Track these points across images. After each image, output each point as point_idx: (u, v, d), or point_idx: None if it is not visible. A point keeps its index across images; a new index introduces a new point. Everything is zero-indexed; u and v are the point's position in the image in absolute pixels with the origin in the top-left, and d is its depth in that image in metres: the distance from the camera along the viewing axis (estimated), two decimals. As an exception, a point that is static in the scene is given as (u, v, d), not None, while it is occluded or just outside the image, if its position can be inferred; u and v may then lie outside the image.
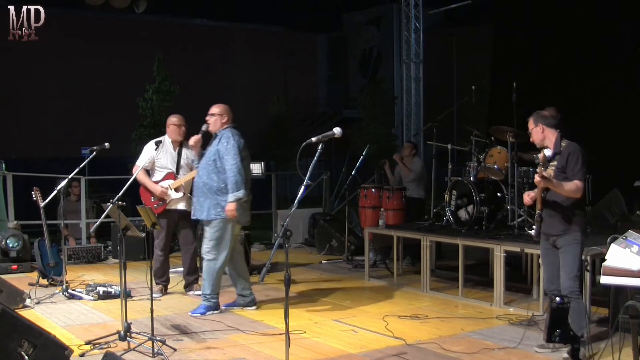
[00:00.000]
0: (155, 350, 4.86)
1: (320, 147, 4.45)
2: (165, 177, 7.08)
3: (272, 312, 6.35)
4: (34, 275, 7.77)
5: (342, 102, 25.11)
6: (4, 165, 9.92)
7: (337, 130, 4.54)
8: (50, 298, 6.86)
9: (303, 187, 4.38)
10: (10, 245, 8.48)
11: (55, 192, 6.97)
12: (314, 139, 4.49)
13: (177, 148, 7.12)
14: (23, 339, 4.01)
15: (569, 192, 4.79)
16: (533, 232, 5.24)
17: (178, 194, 7.01)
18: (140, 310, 6.29)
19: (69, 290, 7.00)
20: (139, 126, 12.40)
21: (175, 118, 7.16)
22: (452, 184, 7.66)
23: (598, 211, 7.45)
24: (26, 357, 3.98)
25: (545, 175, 4.69)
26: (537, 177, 4.73)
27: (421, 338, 5.47)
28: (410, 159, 9.30)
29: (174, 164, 7.11)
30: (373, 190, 8.83)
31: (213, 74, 21.36)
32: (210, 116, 6.33)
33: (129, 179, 6.14)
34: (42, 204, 7.26)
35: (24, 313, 5.48)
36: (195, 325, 5.84)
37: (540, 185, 4.82)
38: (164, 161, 7.10)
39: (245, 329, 5.73)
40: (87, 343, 5.10)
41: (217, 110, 6.33)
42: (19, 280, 7.56)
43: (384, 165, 9.79)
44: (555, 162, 4.90)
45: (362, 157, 9.79)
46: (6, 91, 17.67)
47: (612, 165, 8.20)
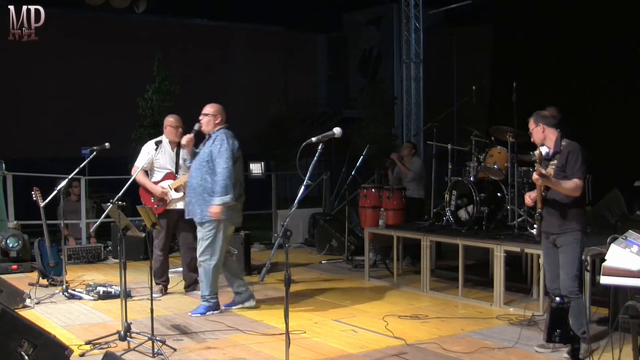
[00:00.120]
0: (155, 350, 4.86)
1: (320, 147, 4.45)
2: (165, 177, 7.08)
3: (272, 312, 6.34)
4: (34, 275, 7.77)
5: (342, 102, 25.11)
6: (4, 165, 9.92)
7: (337, 130, 4.53)
8: (50, 298, 6.86)
9: (303, 187, 4.37)
10: (10, 245, 8.48)
11: (55, 192, 6.97)
12: (314, 139, 4.49)
13: (175, 148, 7.12)
14: (23, 339, 4.01)
15: (568, 191, 4.78)
16: (534, 231, 5.24)
17: (178, 194, 7.01)
18: (140, 310, 6.29)
19: (69, 290, 6.99)
20: (139, 126, 12.41)
21: (173, 119, 7.15)
22: (452, 184, 7.66)
23: (598, 211, 7.45)
24: (26, 357, 3.98)
25: (544, 173, 4.69)
26: (535, 175, 4.73)
27: (421, 338, 5.47)
28: (410, 159, 9.30)
29: (173, 164, 7.11)
30: (373, 190, 8.83)
31: (213, 74, 21.35)
32: (203, 116, 6.28)
33: (129, 179, 6.14)
34: (42, 204, 7.26)
35: (24, 313, 5.48)
36: (195, 325, 5.84)
37: (538, 183, 4.82)
38: (163, 162, 7.09)
39: (245, 329, 5.73)
40: (87, 343, 5.10)
41: (210, 110, 6.28)
42: (19, 280, 7.56)
43: (387, 168, 9.77)
44: (555, 161, 4.90)
45: (362, 157, 9.79)
46: (6, 91, 17.67)
47: (612, 165, 8.20)
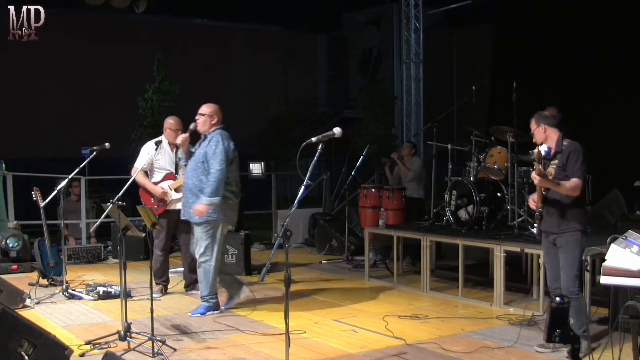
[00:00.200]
0: (155, 350, 4.86)
1: (320, 147, 4.44)
2: (165, 177, 7.08)
3: (272, 312, 6.34)
4: (34, 275, 7.77)
5: (342, 102, 25.11)
6: (4, 165, 9.92)
7: (337, 130, 4.53)
8: (50, 298, 6.86)
9: (303, 187, 4.37)
10: (10, 245, 8.48)
11: (55, 192, 6.96)
12: (314, 139, 4.48)
13: (175, 149, 7.11)
14: (23, 339, 4.01)
15: (568, 191, 4.79)
16: (535, 230, 5.25)
17: (178, 195, 7.00)
18: (140, 310, 6.28)
19: (69, 290, 6.99)
20: (139, 126, 12.40)
21: (173, 121, 7.14)
22: (452, 184, 7.66)
23: (598, 211, 7.45)
24: (26, 357, 3.98)
25: (543, 172, 4.70)
26: (534, 174, 4.73)
27: (421, 338, 5.46)
28: (410, 159, 9.30)
29: (173, 165, 7.11)
30: (373, 190, 8.83)
31: (213, 74, 21.36)
32: (199, 116, 6.26)
33: (129, 179, 6.14)
34: (42, 204, 7.26)
35: (24, 313, 5.48)
36: (195, 325, 5.84)
37: (537, 183, 4.83)
38: (163, 162, 7.09)
39: (245, 329, 5.73)
40: (87, 343, 5.10)
41: (207, 110, 6.26)
42: (19, 280, 7.56)
43: (385, 165, 9.79)
44: (556, 161, 4.91)
45: (362, 157, 9.79)
46: (6, 91, 17.68)
47: (612, 165, 8.20)
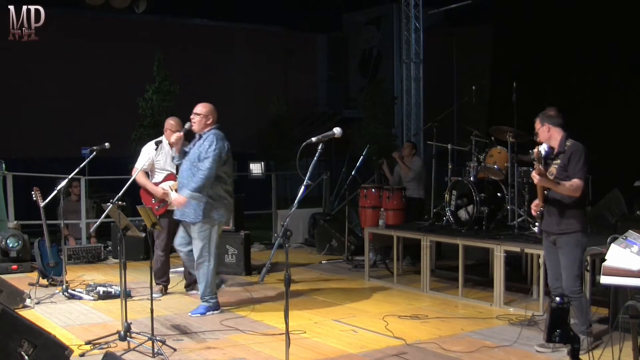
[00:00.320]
0: (155, 350, 4.86)
1: (320, 147, 4.44)
2: (166, 178, 7.07)
3: (272, 312, 6.34)
4: (34, 275, 7.77)
5: (342, 102, 25.11)
6: (4, 165, 9.92)
7: (337, 130, 4.53)
8: (50, 298, 6.86)
9: (303, 187, 4.37)
10: (10, 245, 8.48)
11: (55, 192, 6.96)
12: (314, 139, 4.48)
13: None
14: (23, 339, 4.01)
15: (568, 191, 4.80)
16: (536, 229, 5.25)
17: None
18: (140, 310, 6.28)
19: (69, 290, 6.99)
20: (139, 126, 12.40)
21: (173, 122, 7.12)
22: (452, 184, 7.66)
23: (598, 211, 7.45)
24: (26, 357, 3.98)
25: (543, 172, 4.71)
26: (534, 174, 4.74)
27: (421, 338, 5.47)
28: (410, 159, 9.31)
29: (173, 166, 7.09)
30: (373, 190, 8.83)
31: (213, 74, 21.35)
32: (194, 115, 6.25)
33: (129, 179, 6.14)
34: (42, 204, 7.26)
35: (24, 313, 5.48)
36: (195, 325, 5.84)
37: (537, 183, 4.83)
38: (163, 163, 7.09)
39: (245, 329, 5.73)
40: (87, 343, 5.10)
41: (202, 110, 6.26)
42: (19, 280, 7.56)
43: (382, 165, 9.79)
44: (558, 161, 4.93)
45: (362, 157, 9.79)
46: (6, 91, 17.67)
47: (612, 165, 8.20)
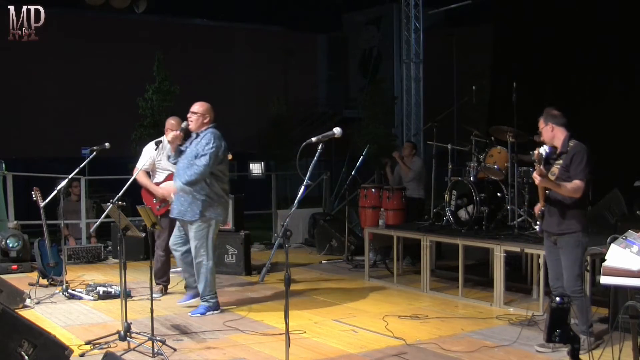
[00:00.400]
0: (155, 350, 4.86)
1: (320, 147, 4.44)
2: (167, 178, 7.06)
3: (272, 312, 6.34)
4: (34, 275, 7.77)
5: (342, 102, 25.12)
6: (4, 165, 9.92)
7: (337, 130, 4.53)
8: (50, 298, 6.86)
9: (303, 187, 4.37)
10: (10, 245, 8.48)
11: (55, 192, 6.96)
12: (314, 139, 4.48)
13: None
14: (23, 339, 4.01)
15: (569, 192, 4.81)
16: (537, 227, 5.27)
17: None
18: (140, 310, 6.28)
19: (69, 290, 6.99)
20: (139, 126, 12.41)
21: (174, 121, 7.11)
22: (452, 184, 7.66)
23: (598, 211, 7.45)
24: (26, 357, 3.98)
25: (544, 173, 4.71)
26: (535, 174, 4.74)
27: (421, 338, 5.47)
28: (410, 159, 9.31)
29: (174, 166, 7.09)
30: (373, 190, 8.83)
31: (213, 74, 21.36)
32: (191, 114, 6.26)
33: (129, 178, 6.14)
34: (42, 204, 7.26)
35: (24, 313, 5.48)
36: (195, 325, 5.84)
37: (538, 183, 4.84)
38: (165, 163, 7.08)
39: (245, 329, 5.73)
40: (87, 343, 5.10)
41: (199, 109, 6.26)
42: (19, 280, 7.56)
43: (386, 165, 9.79)
44: (561, 161, 4.94)
45: (362, 157, 9.78)
46: (6, 91, 17.68)
47: (612, 165, 8.19)
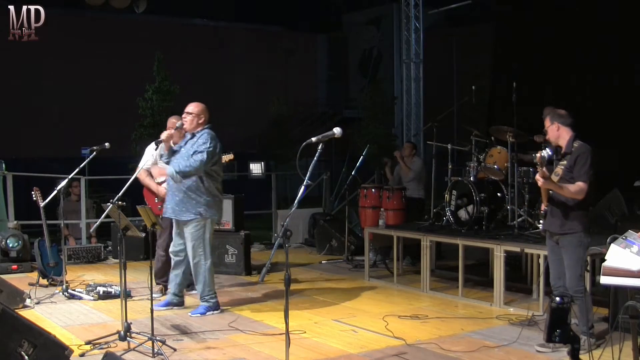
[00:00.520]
0: (155, 350, 4.86)
1: (320, 147, 4.44)
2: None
3: (272, 312, 6.34)
4: (34, 275, 7.77)
5: (342, 102, 25.12)
6: (4, 165, 9.92)
7: (337, 130, 4.53)
8: (50, 298, 6.85)
9: (303, 187, 4.37)
10: (10, 245, 8.48)
11: (55, 192, 6.95)
12: (314, 139, 4.48)
13: None
14: (23, 339, 4.01)
15: (572, 194, 4.84)
16: (541, 226, 5.30)
17: None
18: (140, 310, 6.28)
19: (69, 290, 6.99)
20: (139, 126, 12.39)
21: (175, 120, 7.10)
22: (452, 184, 7.66)
23: (598, 211, 7.45)
24: (26, 357, 3.98)
25: (547, 175, 4.72)
26: (537, 177, 4.75)
27: (421, 338, 5.46)
28: (410, 159, 9.31)
29: None
30: (373, 190, 8.82)
31: (213, 74, 21.36)
32: (186, 114, 6.25)
33: (129, 178, 6.14)
34: (42, 204, 7.25)
35: (24, 313, 5.47)
36: (195, 325, 5.83)
37: (541, 185, 4.86)
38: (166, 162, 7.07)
39: (245, 329, 5.73)
40: (87, 343, 5.10)
41: (194, 109, 6.25)
42: (19, 280, 7.55)
43: (386, 165, 9.79)
44: (565, 162, 4.95)
45: (362, 157, 9.78)
46: (6, 91, 17.68)
47: (612, 165, 8.20)
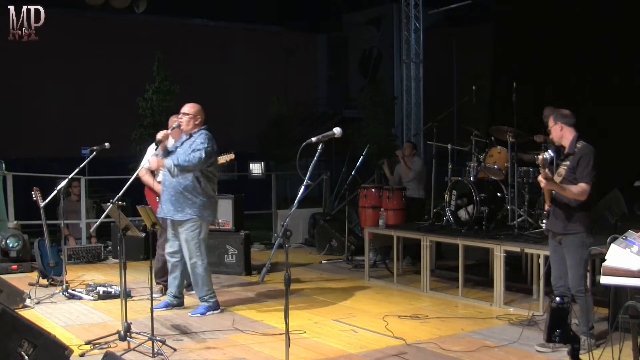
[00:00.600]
0: (155, 350, 4.86)
1: (320, 147, 4.43)
2: None
3: (272, 312, 6.34)
4: (34, 275, 7.77)
5: (342, 102, 25.14)
6: (4, 165, 9.92)
7: (337, 130, 4.53)
8: (50, 298, 6.85)
9: (303, 187, 4.37)
10: (10, 245, 8.48)
11: (55, 192, 6.95)
12: (314, 139, 4.48)
13: None
14: (23, 339, 4.01)
15: (575, 196, 4.87)
16: (544, 225, 5.31)
17: None
18: (140, 310, 6.28)
19: (69, 290, 6.99)
20: (139, 126, 12.40)
21: (176, 118, 7.13)
22: (452, 184, 7.66)
23: (598, 211, 7.44)
24: (26, 357, 3.98)
25: (550, 177, 4.74)
26: (540, 178, 4.77)
27: (421, 338, 5.46)
28: (410, 159, 9.30)
29: None
30: (373, 190, 8.82)
31: (213, 74, 21.37)
32: (183, 115, 6.24)
33: (129, 178, 6.14)
34: (42, 204, 7.25)
35: (24, 313, 5.48)
36: (195, 325, 5.83)
37: (545, 188, 4.88)
38: (168, 161, 7.07)
39: (245, 329, 5.73)
40: (87, 343, 5.10)
41: (191, 110, 6.24)
42: (19, 280, 7.55)
43: (383, 165, 9.80)
44: (568, 162, 4.97)
45: (362, 157, 9.79)
46: (6, 91, 17.69)
47: (612, 165, 8.19)
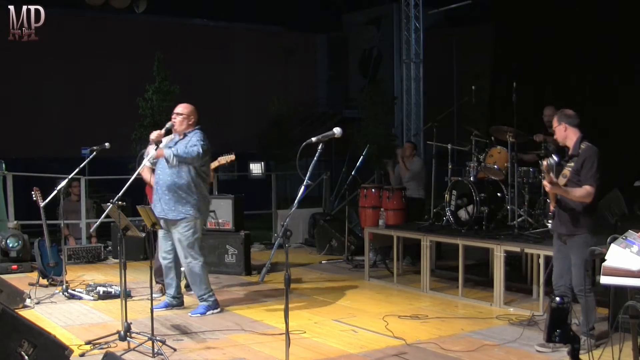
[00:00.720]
0: (155, 350, 4.86)
1: (320, 147, 4.44)
2: None
3: (272, 312, 6.34)
4: (34, 275, 7.77)
5: (342, 102, 25.15)
6: (4, 165, 9.92)
7: (337, 130, 4.53)
8: (50, 298, 6.85)
9: (303, 187, 4.37)
10: (10, 245, 8.48)
11: (55, 192, 6.95)
12: (314, 139, 4.48)
13: None
14: (23, 339, 4.01)
15: (579, 198, 4.89)
16: (550, 225, 5.34)
17: None
18: (140, 310, 6.28)
19: (69, 290, 6.99)
20: (139, 126, 12.39)
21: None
22: (452, 184, 7.66)
23: (598, 211, 7.44)
24: (26, 357, 3.98)
25: (555, 181, 4.76)
26: (545, 182, 4.80)
27: (421, 338, 5.47)
28: (411, 159, 9.31)
29: None
30: (373, 190, 8.82)
31: (213, 74, 21.38)
32: (176, 115, 6.23)
33: (129, 178, 6.13)
34: (42, 204, 7.25)
35: (24, 313, 5.48)
36: (195, 325, 5.84)
37: (549, 190, 4.89)
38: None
39: (245, 329, 5.73)
40: (87, 343, 5.10)
41: (184, 110, 6.24)
42: (19, 280, 7.56)
43: (386, 166, 9.79)
44: (572, 164, 4.98)
45: (362, 157, 9.79)
46: (6, 91, 17.69)
47: (612, 165, 8.19)
